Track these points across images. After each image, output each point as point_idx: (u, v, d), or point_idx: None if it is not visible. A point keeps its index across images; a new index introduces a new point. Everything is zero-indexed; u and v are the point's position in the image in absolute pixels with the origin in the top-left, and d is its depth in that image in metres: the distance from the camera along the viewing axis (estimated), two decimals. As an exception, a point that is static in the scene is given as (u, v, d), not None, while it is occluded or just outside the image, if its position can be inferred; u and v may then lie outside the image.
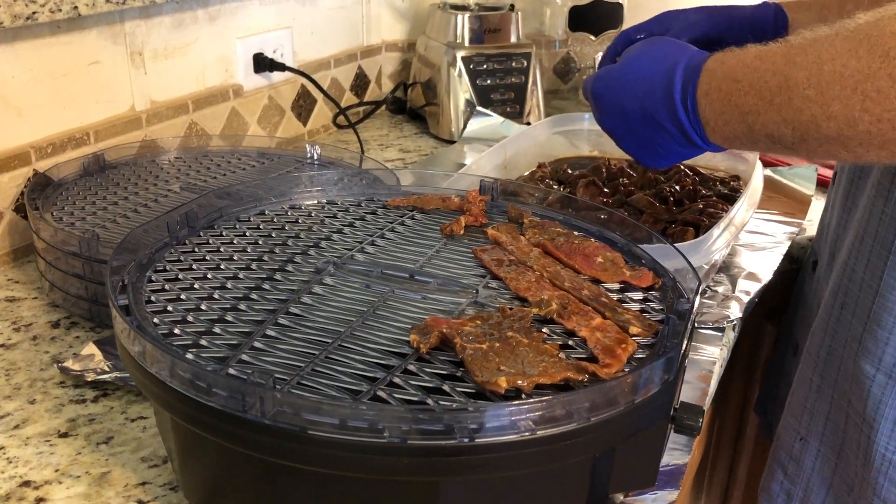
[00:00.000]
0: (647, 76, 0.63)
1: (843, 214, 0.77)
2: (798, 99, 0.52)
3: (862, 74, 0.48)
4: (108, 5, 0.91)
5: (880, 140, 0.49)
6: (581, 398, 0.43)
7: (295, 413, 0.42)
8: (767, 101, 0.54)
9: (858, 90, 0.49)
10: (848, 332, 0.72)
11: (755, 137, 0.57)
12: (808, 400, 0.77)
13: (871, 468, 0.69)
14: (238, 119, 1.18)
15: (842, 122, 0.50)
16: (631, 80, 0.65)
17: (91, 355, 0.68)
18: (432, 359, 0.49)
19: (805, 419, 0.77)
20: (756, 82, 0.55)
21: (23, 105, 0.88)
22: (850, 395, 0.72)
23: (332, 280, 0.58)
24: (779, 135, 0.55)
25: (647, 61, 0.64)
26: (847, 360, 0.72)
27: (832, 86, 0.50)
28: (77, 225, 0.78)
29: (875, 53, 0.48)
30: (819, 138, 0.52)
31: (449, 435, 0.41)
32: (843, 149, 0.52)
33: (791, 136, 0.54)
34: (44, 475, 0.57)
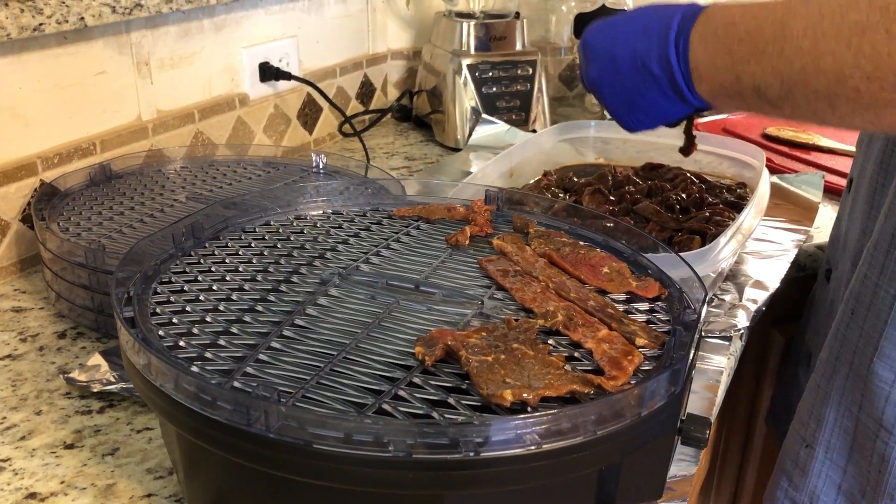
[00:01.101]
0: (645, 23, 0.62)
1: (868, 223, 0.75)
2: (791, 49, 0.51)
3: (859, 27, 0.47)
4: (115, 16, 0.91)
5: (868, 100, 0.49)
6: (587, 411, 0.43)
7: (300, 427, 0.42)
8: (760, 50, 0.54)
9: (853, 44, 0.48)
10: (860, 338, 0.71)
11: (741, 89, 0.56)
12: (815, 406, 0.76)
13: (889, 474, 0.68)
14: (244, 128, 1.18)
15: (831, 77, 0.49)
16: (626, 27, 0.64)
17: (97, 366, 0.68)
18: (438, 371, 0.48)
19: (812, 426, 0.77)
20: (753, 29, 0.54)
21: (30, 115, 0.88)
22: (862, 402, 0.71)
23: (338, 291, 0.58)
24: (765, 86, 0.54)
25: (647, 11, 0.63)
26: (859, 366, 0.71)
27: (827, 38, 0.49)
28: (83, 235, 0.79)
29: (875, 6, 0.47)
30: (806, 93, 0.52)
31: (454, 449, 0.41)
32: (828, 107, 0.51)
33: (778, 88, 0.53)
34: (49, 487, 0.57)
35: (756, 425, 1.10)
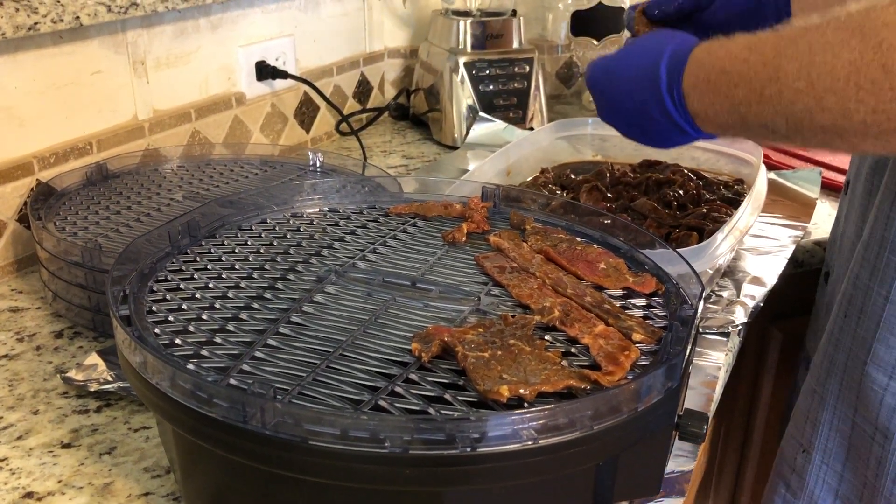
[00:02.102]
0: (636, 69, 0.63)
1: (862, 226, 0.74)
2: (789, 91, 0.51)
3: (854, 66, 0.47)
4: (110, 15, 0.91)
5: (877, 131, 0.48)
6: (584, 406, 0.43)
7: (296, 423, 0.42)
8: (758, 93, 0.53)
9: (851, 81, 0.48)
10: (853, 341, 0.71)
11: (749, 127, 0.56)
12: (811, 411, 0.76)
13: (885, 478, 0.68)
14: (241, 127, 1.18)
15: (836, 114, 0.49)
16: (621, 74, 0.66)
17: (94, 365, 0.68)
18: (434, 367, 0.48)
19: (808, 430, 0.76)
20: (746, 74, 0.54)
21: (25, 115, 0.88)
22: (857, 405, 0.71)
23: (334, 288, 0.58)
24: (773, 125, 0.54)
25: (636, 53, 0.65)
26: (853, 369, 0.71)
27: (823, 77, 0.49)
28: (80, 235, 0.79)
29: (868, 44, 0.47)
30: (813, 129, 0.52)
31: (451, 445, 0.41)
32: (838, 138, 0.51)
33: (785, 126, 0.53)
34: (46, 486, 0.57)
35: (755, 422, 1.10)
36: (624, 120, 0.67)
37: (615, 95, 0.66)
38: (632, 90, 0.64)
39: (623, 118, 0.67)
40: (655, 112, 0.62)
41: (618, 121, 0.69)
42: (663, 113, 0.61)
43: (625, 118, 0.67)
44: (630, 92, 0.64)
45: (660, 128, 0.63)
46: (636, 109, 0.64)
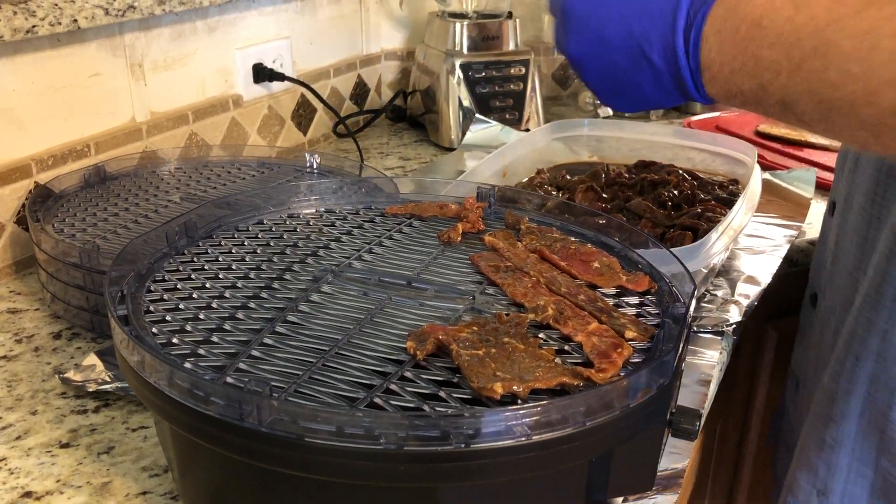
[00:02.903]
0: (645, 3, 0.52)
1: (862, 259, 0.66)
2: (836, 72, 0.43)
3: None
4: (108, 18, 0.91)
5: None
6: (577, 403, 0.43)
7: (292, 421, 0.42)
8: (796, 64, 0.45)
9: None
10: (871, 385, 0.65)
11: (764, 99, 0.48)
12: (824, 452, 0.71)
13: None
14: (238, 129, 1.18)
15: (887, 111, 0.42)
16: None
17: (92, 366, 0.68)
18: (429, 365, 0.49)
19: (822, 472, 0.70)
20: (787, 36, 0.45)
21: (24, 118, 0.89)
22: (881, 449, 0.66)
23: (330, 288, 0.58)
24: (797, 105, 0.46)
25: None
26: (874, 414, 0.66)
27: (887, 66, 0.41)
28: (78, 236, 0.79)
29: None
30: (849, 121, 0.44)
31: (445, 441, 0.41)
32: (873, 138, 0.44)
33: (813, 110, 0.45)
34: (45, 486, 0.57)
35: (751, 421, 1.10)
36: (601, 55, 0.54)
37: (603, 22, 0.53)
38: (630, 16, 0.52)
39: (601, 52, 0.54)
40: (656, 54, 0.51)
41: (590, 54, 0.54)
42: (667, 58, 0.51)
43: (603, 53, 0.54)
44: (626, 18, 0.52)
45: (645, 78, 0.53)
46: (628, 47, 0.52)
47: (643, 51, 0.52)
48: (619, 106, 0.58)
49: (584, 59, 0.55)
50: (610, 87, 0.56)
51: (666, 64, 0.51)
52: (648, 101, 0.55)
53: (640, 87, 0.54)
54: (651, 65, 0.52)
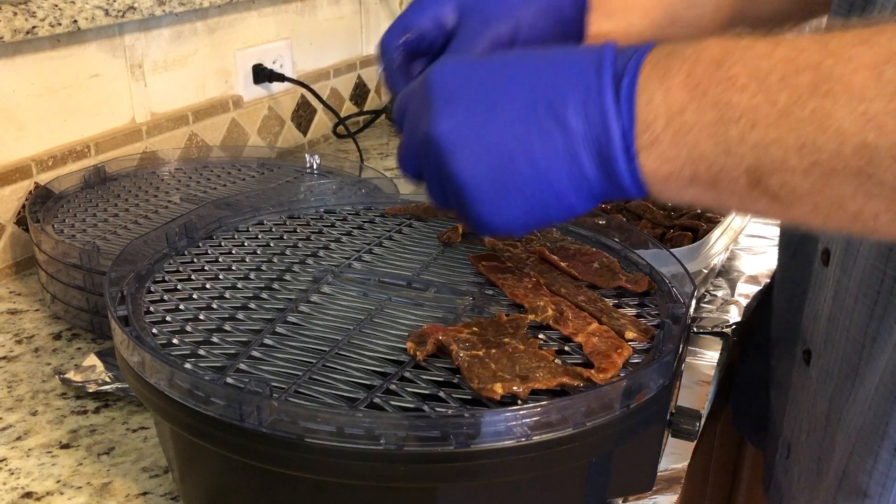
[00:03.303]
0: (553, 57, 0.41)
1: (868, 322, 0.55)
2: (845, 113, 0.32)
3: None
4: (108, 18, 0.92)
5: None
6: (577, 403, 0.43)
7: (292, 421, 0.42)
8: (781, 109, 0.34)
9: None
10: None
11: (725, 170, 0.36)
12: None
13: None
14: (238, 130, 1.18)
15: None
16: (521, 63, 0.41)
17: (92, 366, 0.68)
18: (429, 366, 0.49)
19: None
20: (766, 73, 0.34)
21: (24, 118, 0.89)
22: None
23: (330, 289, 0.58)
24: (775, 171, 0.35)
25: (555, 48, 0.43)
26: None
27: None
28: (78, 237, 0.79)
29: None
30: (859, 188, 0.34)
31: (445, 441, 0.41)
32: (888, 210, 0.34)
33: (801, 175, 0.34)
34: (45, 486, 0.57)
35: (751, 421, 1.10)
36: (487, 132, 0.40)
37: (495, 84, 0.40)
38: (537, 75, 0.39)
39: (486, 128, 0.40)
40: (571, 111, 0.38)
41: (470, 132, 0.40)
42: (588, 114, 0.38)
43: (491, 129, 0.40)
44: (531, 78, 0.40)
45: (561, 154, 0.39)
46: (527, 111, 0.39)
47: (553, 109, 0.38)
48: (497, 212, 0.42)
49: (457, 135, 0.41)
50: (493, 176, 0.40)
51: (586, 123, 0.38)
52: (552, 194, 0.40)
53: (543, 170, 0.39)
54: (563, 128, 0.38)
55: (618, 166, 0.38)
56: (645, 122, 0.37)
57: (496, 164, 0.40)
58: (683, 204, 0.45)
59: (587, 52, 0.40)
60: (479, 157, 0.40)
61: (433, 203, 0.47)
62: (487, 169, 0.40)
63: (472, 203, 0.42)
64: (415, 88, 0.44)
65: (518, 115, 0.39)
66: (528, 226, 0.43)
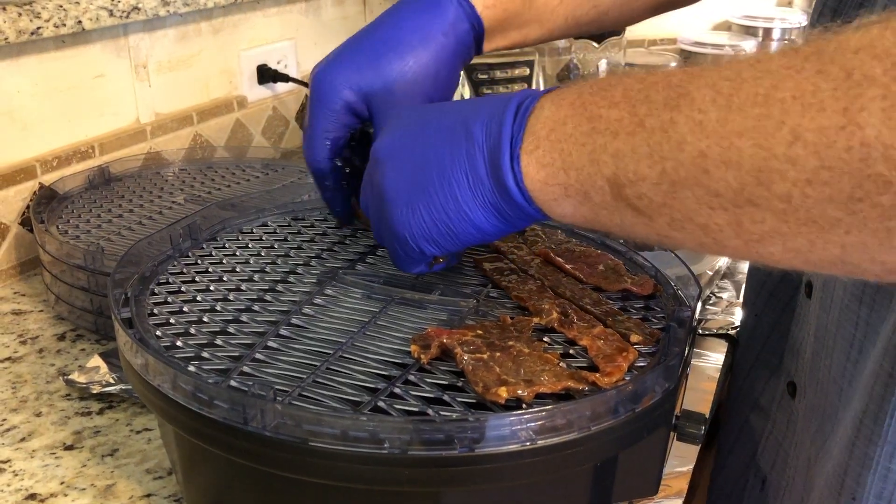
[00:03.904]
0: (476, 99, 0.48)
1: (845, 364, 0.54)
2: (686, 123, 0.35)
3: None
4: (112, 19, 0.92)
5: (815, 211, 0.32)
6: (582, 407, 0.43)
7: (296, 425, 0.42)
8: (638, 120, 0.37)
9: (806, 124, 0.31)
10: None
11: (591, 179, 0.39)
12: None
13: None
14: (242, 130, 1.18)
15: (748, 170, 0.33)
16: (452, 103, 0.49)
17: (96, 367, 0.68)
18: (433, 369, 0.49)
19: None
20: (635, 92, 0.38)
21: (28, 119, 0.89)
22: None
23: (334, 291, 0.58)
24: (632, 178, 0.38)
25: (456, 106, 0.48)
26: None
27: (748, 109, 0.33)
28: (82, 238, 0.79)
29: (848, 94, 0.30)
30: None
31: (449, 445, 0.41)
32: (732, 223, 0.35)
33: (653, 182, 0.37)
34: (49, 488, 0.57)
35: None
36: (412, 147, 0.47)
37: (423, 118, 0.48)
38: (459, 107, 0.47)
39: (413, 144, 0.47)
40: (478, 124, 0.44)
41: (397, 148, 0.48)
42: (489, 126, 0.43)
43: (415, 144, 0.47)
44: (453, 110, 0.47)
45: (457, 163, 0.44)
46: (447, 129, 0.45)
47: (465, 125, 0.44)
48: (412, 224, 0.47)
49: (389, 151, 0.48)
50: (410, 183, 0.46)
51: (486, 132, 0.43)
52: (452, 198, 0.45)
53: (447, 173, 0.44)
54: (468, 137, 0.44)
55: (503, 167, 0.42)
56: (532, 131, 0.42)
57: (412, 170, 0.46)
58: (570, 225, 0.50)
59: (504, 95, 0.45)
60: (401, 164, 0.47)
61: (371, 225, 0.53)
62: (406, 175, 0.47)
63: (390, 207, 0.48)
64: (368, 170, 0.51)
65: (439, 133, 0.46)
66: (434, 237, 0.47)
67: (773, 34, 1.50)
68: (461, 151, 0.44)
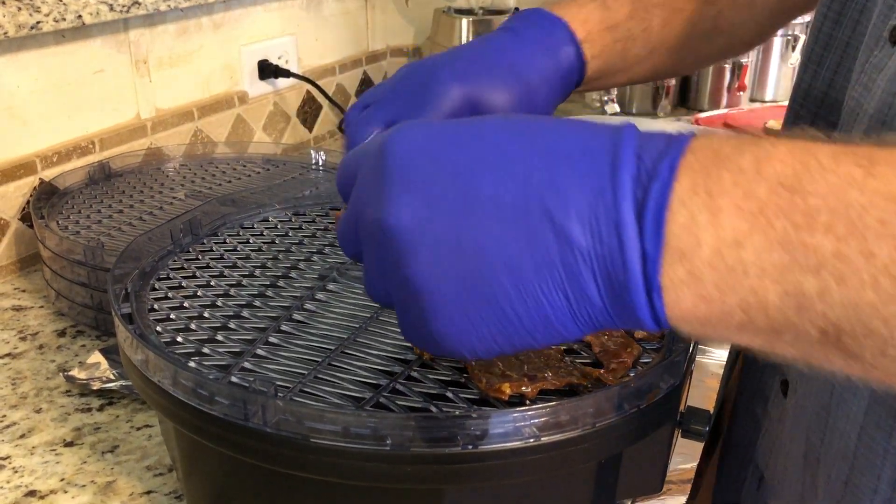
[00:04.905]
0: (547, 142, 0.32)
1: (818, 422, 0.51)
2: None
3: None
4: (112, 14, 0.91)
5: None
6: (585, 404, 0.42)
7: (297, 421, 0.41)
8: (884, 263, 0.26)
9: None
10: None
11: (793, 322, 0.28)
12: None
13: None
14: (243, 126, 1.18)
15: None
16: (505, 138, 0.33)
17: (97, 364, 0.68)
18: (436, 365, 0.48)
19: None
20: (859, 211, 0.26)
21: (28, 114, 0.88)
22: None
23: (335, 286, 0.58)
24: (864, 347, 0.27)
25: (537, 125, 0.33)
26: None
27: None
28: (82, 234, 0.79)
29: None
30: None
31: (452, 442, 0.40)
32: None
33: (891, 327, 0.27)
34: (49, 484, 0.57)
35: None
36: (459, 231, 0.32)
37: (471, 171, 0.32)
38: (523, 154, 0.31)
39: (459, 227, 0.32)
40: (575, 222, 0.30)
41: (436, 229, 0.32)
42: (598, 228, 0.30)
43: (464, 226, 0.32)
44: (515, 159, 0.31)
45: (558, 272, 0.30)
46: (515, 207, 0.31)
47: (548, 213, 0.30)
48: (464, 339, 0.34)
49: (418, 234, 0.32)
50: (462, 290, 0.32)
51: (593, 237, 0.30)
52: (539, 317, 0.32)
53: (530, 286, 0.31)
54: (562, 239, 0.30)
55: (635, 299, 0.30)
56: (679, 249, 0.28)
57: (466, 273, 0.32)
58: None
59: (596, 138, 0.31)
60: (444, 260, 0.32)
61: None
62: (454, 277, 0.32)
63: (429, 314, 0.33)
64: (368, 154, 0.36)
65: (500, 215, 0.31)
66: (495, 351, 0.34)
67: (776, 30, 1.50)
68: (551, 258, 0.30)
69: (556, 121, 0.33)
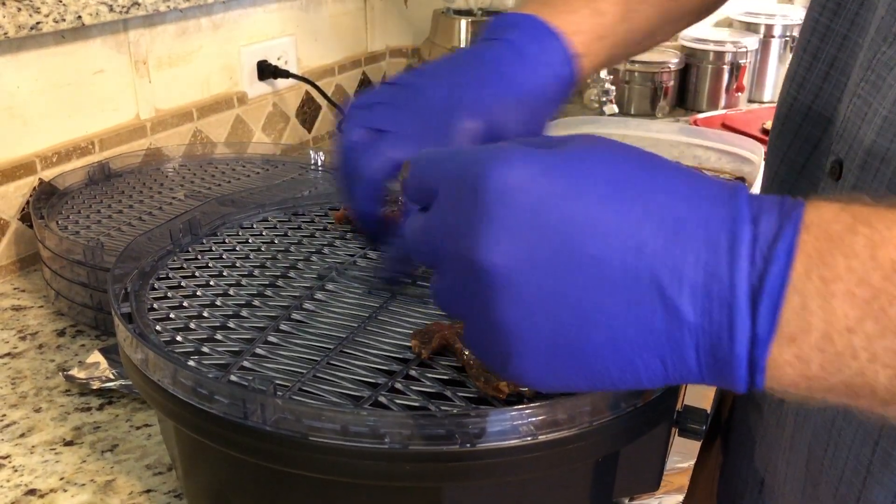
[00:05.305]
0: (661, 208, 0.30)
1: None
2: None
3: None
4: (112, 14, 0.91)
5: None
6: (583, 402, 0.43)
7: (296, 419, 0.42)
8: None
9: None
10: None
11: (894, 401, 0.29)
12: None
13: None
14: (243, 126, 1.18)
15: None
16: (615, 192, 0.31)
17: (96, 363, 0.68)
18: (434, 364, 0.48)
19: None
20: None
21: (28, 114, 0.89)
22: None
23: (334, 286, 0.58)
24: None
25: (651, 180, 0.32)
26: None
27: None
28: (82, 234, 0.79)
29: None
30: None
31: (450, 440, 0.41)
32: None
33: None
34: (49, 483, 0.57)
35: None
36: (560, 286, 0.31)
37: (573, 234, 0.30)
38: (634, 218, 0.30)
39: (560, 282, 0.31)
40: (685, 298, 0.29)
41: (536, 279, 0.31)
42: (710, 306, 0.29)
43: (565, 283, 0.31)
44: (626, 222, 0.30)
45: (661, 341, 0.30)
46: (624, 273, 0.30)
47: (658, 286, 0.30)
48: (550, 381, 0.33)
49: (513, 275, 0.31)
50: (554, 340, 0.31)
51: (704, 315, 0.29)
52: (632, 376, 0.32)
53: (627, 350, 0.31)
54: (670, 313, 0.30)
55: (735, 374, 0.30)
56: (789, 334, 0.29)
57: (560, 326, 0.31)
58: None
59: (713, 206, 0.30)
60: (537, 311, 0.31)
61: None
62: (546, 328, 0.31)
63: (512, 355, 0.33)
64: (459, 176, 0.33)
65: (604, 276, 0.30)
66: (571, 389, 0.34)
67: (775, 31, 1.50)
68: (655, 328, 0.30)
69: (664, 171, 0.32)
